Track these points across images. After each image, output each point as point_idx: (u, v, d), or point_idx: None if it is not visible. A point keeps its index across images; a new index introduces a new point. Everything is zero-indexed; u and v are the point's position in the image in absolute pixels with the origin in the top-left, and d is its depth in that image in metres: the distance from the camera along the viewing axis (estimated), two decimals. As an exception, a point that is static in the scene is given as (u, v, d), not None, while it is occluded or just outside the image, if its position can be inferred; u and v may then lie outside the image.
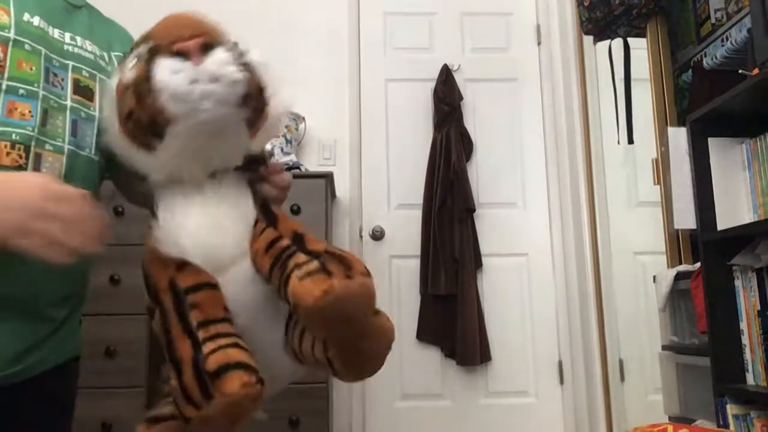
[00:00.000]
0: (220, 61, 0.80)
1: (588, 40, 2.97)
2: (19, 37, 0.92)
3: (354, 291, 0.72)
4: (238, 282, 0.83)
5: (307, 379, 2.29)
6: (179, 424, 0.80)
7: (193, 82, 0.77)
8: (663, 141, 2.32)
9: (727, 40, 2.23)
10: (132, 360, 2.24)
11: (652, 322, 2.39)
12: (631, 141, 2.68)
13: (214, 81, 0.78)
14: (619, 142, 2.79)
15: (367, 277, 0.74)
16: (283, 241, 0.83)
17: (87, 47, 1.04)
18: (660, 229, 2.43)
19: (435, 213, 2.89)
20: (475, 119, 3.10)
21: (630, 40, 2.65)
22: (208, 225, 0.84)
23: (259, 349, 0.81)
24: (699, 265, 1.87)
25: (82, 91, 1.00)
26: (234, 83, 0.80)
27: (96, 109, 1.01)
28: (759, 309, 1.65)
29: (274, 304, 0.85)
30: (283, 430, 2.25)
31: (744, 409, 1.66)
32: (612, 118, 2.78)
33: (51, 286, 0.94)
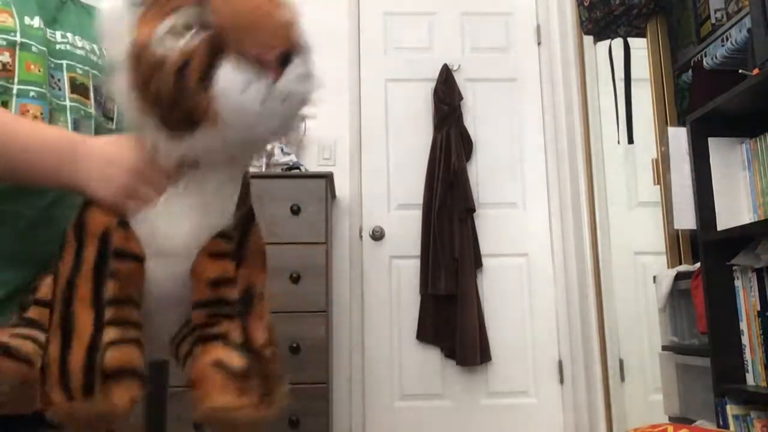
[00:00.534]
0: (297, 78, 0.69)
1: (588, 40, 2.97)
2: (25, 40, 0.93)
3: (257, 419, 0.67)
4: (167, 276, 0.76)
5: (307, 379, 2.30)
6: (27, 373, 0.68)
7: (264, 101, 0.67)
8: (663, 141, 2.32)
9: (727, 40, 2.23)
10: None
11: (652, 322, 2.39)
12: (631, 141, 2.68)
13: (285, 99, 0.69)
14: (619, 142, 2.79)
15: (281, 402, 0.69)
16: (232, 291, 0.74)
17: (78, 43, 1.03)
18: (660, 229, 2.43)
19: (435, 213, 2.89)
20: (475, 119, 3.10)
21: (630, 40, 2.65)
22: (169, 212, 0.75)
23: (147, 338, 0.74)
24: (699, 265, 1.86)
25: (79, 89, 1.00)
26: (302, 102, 0.71)
27: (92, 106, 1.01)
28: (759, 309, 1.65)
29: (184, 308, 0.78)
30: (283, 430, 2.25)
31: (744, 409, 1.66)
32: (612, 118, 2.78)
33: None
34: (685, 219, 2.09)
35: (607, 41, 2.75)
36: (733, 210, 1.80)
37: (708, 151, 1.84)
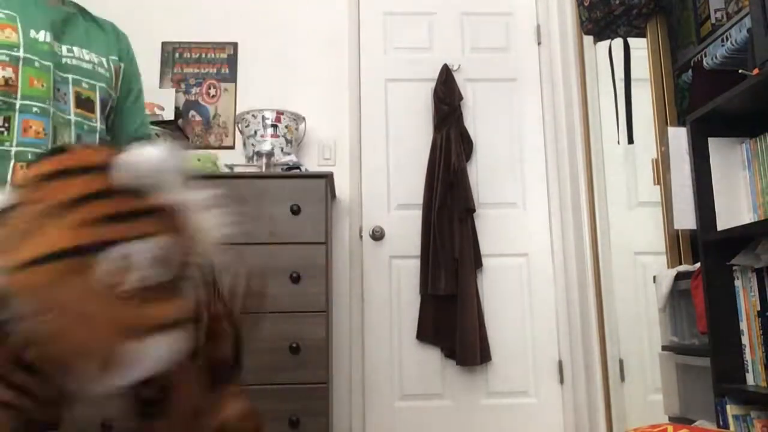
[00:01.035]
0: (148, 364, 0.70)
1: (588, 40, 2.97)
2: (28, 55, 0.92)
3: None
4: None
5: (307, 379, 2.30)
6: None
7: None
8: (663, 141, 2.32)
9: (727, 40, 2.23)
10: None
11: (652, 322, 2.39)
12: (631, 141, 2.68)
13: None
14: (619, 142, 2.79)
15: None
16: None
17: (85, 57, 1.03)
18: (660, 229, 2.43)
19: (435, 213, 2.89)
20: (475, 119, 3.10)
21: (630, 40, 2.65)
22: None
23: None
24: (699, 265, 1.87)
25: (84, 103, 1.00)
26: None
27: (97, 120, 1.01)
28: (759, 309, 1.65)
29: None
30: (283, 430, 2.25)
31: (744, 409, 1.66)
32: (612, 118, 2.78)
33: None
34: (685, 219, 2.09)
35: (607, 41, 2.75)
36: (733, 210, 1.80)
37: (708, 151, 1.84)
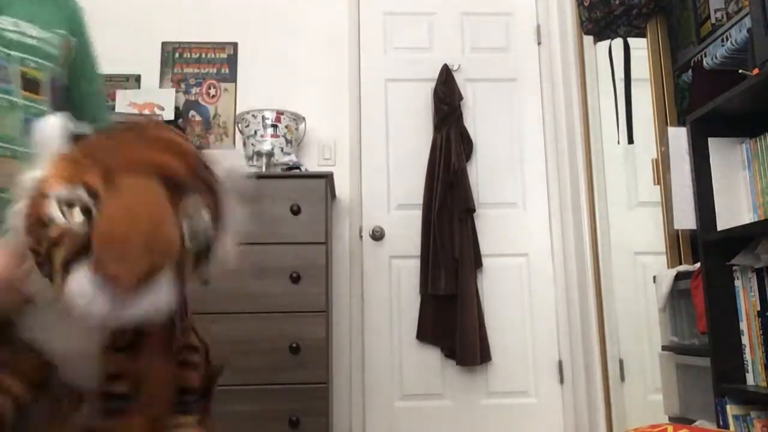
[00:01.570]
0: (149, 303, 0.67)
1: (588, 40, 2.97)
2: None
3: None
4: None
5: (307, 379, 2.30)
6: None
7: (107, 317, 0.67)
8: (663, 141, 2.32)
9: (727, 40, 2.23)
10: None
11: (652, 322, 2.39)
12: (631, 141, 2.68)
13: (130, 317, 0.68)
14: (619, 142, 2.79)
15: None
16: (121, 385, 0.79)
17: (31, 33, 0.93)
18: (660, 229, 2.43)
19: (435, 213, 2.89)
20: (475, 119, 3.10)
21: (630, 40, 2.65)
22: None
23: None
24: (699, 265, 1.87)
25: (31, 84, 0.91)
26: (150, 315, 0.69)
27: (45, 103, 0.92)
28: (759, 309, 1.65)
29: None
30: (283, 430, 2.25)
31: (744, 409, 1.66)
32: (612, 118, 2.78)
33: None
34: (685, 219, 2.09)
35: (607, 41, 2.75)
36: (733, 210, 1.80)
37: (708, 151, 1.84)
